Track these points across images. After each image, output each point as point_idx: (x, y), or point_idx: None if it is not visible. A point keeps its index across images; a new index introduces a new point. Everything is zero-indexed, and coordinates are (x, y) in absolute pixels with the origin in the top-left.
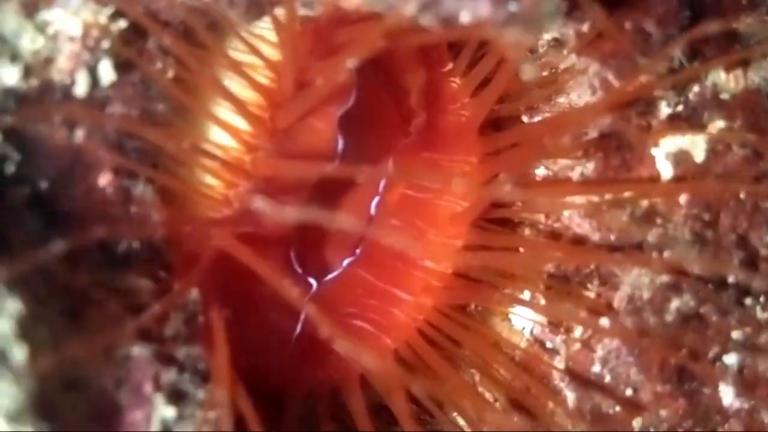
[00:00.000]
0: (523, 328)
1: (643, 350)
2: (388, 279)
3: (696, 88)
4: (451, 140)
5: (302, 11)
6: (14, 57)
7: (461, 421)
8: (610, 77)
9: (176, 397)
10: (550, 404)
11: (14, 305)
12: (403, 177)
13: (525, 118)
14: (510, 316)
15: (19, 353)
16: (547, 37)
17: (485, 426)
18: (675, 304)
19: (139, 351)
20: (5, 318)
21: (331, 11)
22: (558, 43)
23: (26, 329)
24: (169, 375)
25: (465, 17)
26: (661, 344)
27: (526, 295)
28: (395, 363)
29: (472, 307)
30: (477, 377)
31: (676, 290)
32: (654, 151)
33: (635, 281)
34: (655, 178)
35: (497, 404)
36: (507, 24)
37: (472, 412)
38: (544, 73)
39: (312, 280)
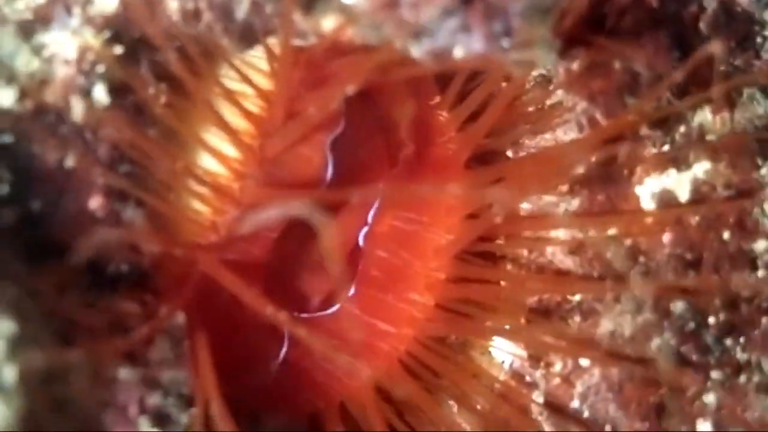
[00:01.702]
0: (503, 362)
1: (622, 387)
2: (374, 312)
3: (682, 129)
4: (438, 173)
5: (295, 41)
6: (10, 79)
7: None
8: (598, 115)
9: (160, 420)
10: None
11: (5, 325)
12: (396, 197)
13: (510, 153)
14: (490, 349)
15: (9, 374)
16: (533, 73)
17: None
18: (656, 342)
19: (125, 374)
20: None
21: (325, 42)
22: (544, 80)
23: (16, 350)
24: (154, 398)
25: (458, 52)
26: (640, 381)
27: (506, 327)
28: (374, 392)
29: (453, 338)
30: (455, 408)
31: (657, 328)
32: (638, 189)
33: (617, 318)
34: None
35: None
36: (500, 61)
37: None
38: (530, 109)
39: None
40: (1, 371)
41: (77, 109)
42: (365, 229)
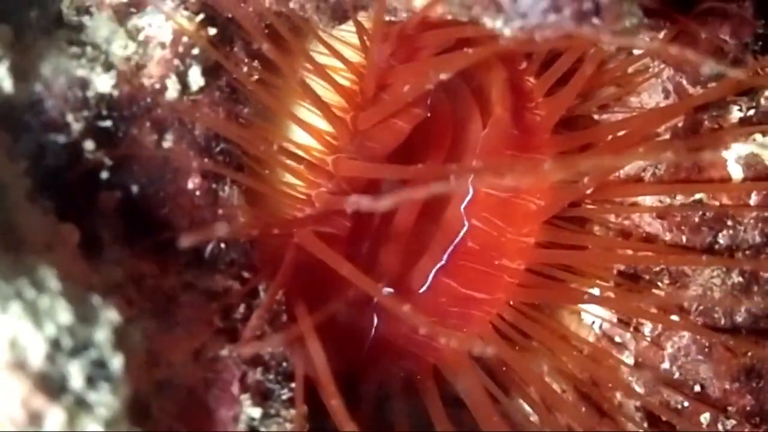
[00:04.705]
0: (592, 323)
1: (713, 349)
2: (469, 282)
3: (767, 93)
4: (526, 138)
5: (386, 17)
6: (107, 63)
7: (526, 407)
8: (685, 83)
9: (262, 396)
10: (618, 397)
11: (110, 314)
12: (488, 179)
13: (596, 117)
14: (579, 311)
15: (116, 362)
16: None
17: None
18: (746, 305)
19: (226, 352)
20: (103, 327)
21: (416, 18)
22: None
23: (122, 337)
24: (255, 375)
25: (548, 32)
26: (730, 343)
27: (595, 291)
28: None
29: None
30: (545, 368)
31: (747, 292)
32: (725, 154)
33: (706, 281)
34: (726, 181)
35: (565, 395)
36: (591, 36)
37: (538, 399)
38: (617, 74)
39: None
40: (109, 360)
41: (173, 92)
42: (465, 200)
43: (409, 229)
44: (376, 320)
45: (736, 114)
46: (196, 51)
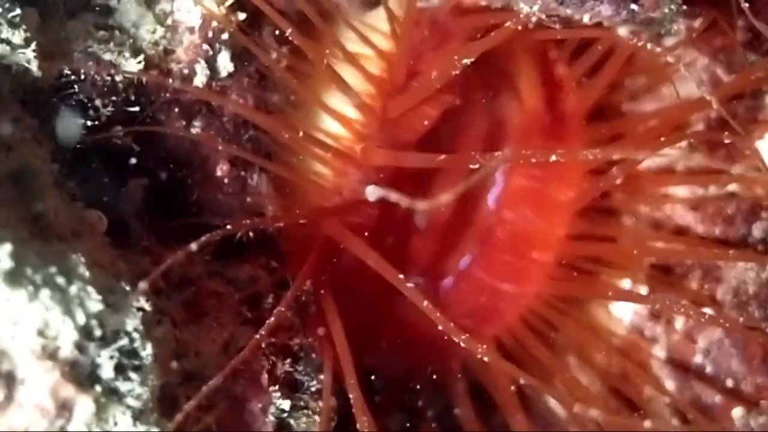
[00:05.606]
0: (623, 316)
1: (746, 342)
2: (498, 274)
3: None
4: (558, 128)
5: (419, 3)
6: (135, 48)
7: (552, 402)
8: (719, 72)
9: (291, 387)
10: (647, 391)
11: (140, 303)
12: (520, 161)
13: (627, 107)
14: (609, 304)
15: (146, 352)
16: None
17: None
18: None
19: (255, 343)
20: (132, 318)
21: (449, 3)
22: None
23: (151, 326)
24: (284, 366)
25: (587, 18)
26: (764, 337)
27: (626, 283)
28: (495, 348)
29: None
30: (572, 361)
31: None
32: (759, 144)
33: (740, 275)
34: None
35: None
36: (627, 24)
37: (564, 394)
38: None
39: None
40: (138, 350)
41: (202, 77)
42: (496, 190)
43: (443, 221)
44: (402, 311)
45: None
46: (225, 36)
